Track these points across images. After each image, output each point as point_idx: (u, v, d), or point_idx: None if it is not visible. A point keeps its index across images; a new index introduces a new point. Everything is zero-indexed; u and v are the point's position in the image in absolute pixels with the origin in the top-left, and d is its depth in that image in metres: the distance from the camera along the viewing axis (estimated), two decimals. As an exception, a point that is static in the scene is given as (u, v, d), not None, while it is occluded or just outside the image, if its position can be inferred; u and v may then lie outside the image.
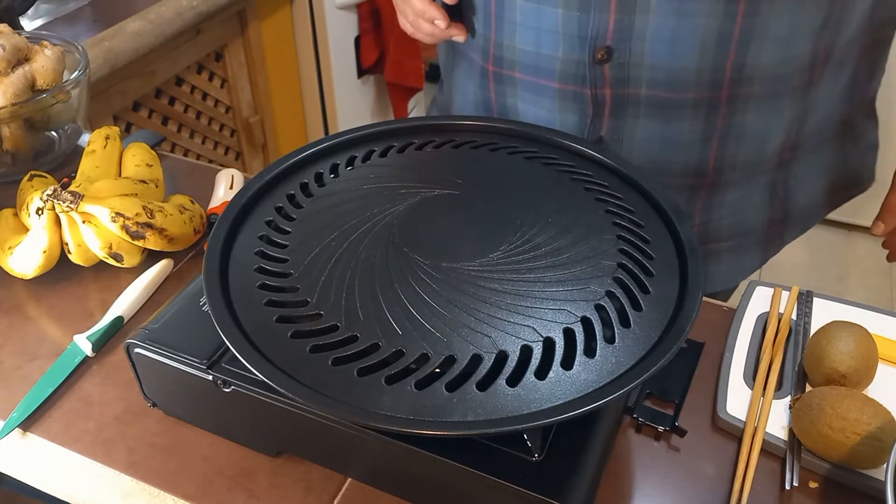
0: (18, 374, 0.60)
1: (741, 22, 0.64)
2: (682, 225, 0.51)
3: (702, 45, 0.65)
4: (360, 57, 1.87)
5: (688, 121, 0.70)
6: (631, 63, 0.67)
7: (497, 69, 0.76)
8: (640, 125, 0.71)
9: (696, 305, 0.45)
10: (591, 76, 0.69)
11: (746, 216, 0.79)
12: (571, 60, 0.69)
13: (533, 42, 0.71)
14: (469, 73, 0.81)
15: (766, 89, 0.69)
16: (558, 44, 0.69)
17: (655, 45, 0.66)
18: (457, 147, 0.61)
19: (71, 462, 0.54)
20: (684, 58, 0.66)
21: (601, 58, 0.68)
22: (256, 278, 0.49)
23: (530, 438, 0.44)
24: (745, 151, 0.74)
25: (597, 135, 0.73)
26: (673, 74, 0.67)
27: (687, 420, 0.54)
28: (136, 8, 1.23)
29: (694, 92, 0.68)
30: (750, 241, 0.81)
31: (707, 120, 0.70)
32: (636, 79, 0.68)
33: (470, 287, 0.47)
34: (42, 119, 0.80)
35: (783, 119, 0.72)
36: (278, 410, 0.48)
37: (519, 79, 0.74)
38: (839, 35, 0.69)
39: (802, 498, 0.50)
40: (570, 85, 0.71)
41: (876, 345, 0.54)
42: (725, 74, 0.67)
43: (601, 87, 0.70)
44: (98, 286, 0.68)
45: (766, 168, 0.76)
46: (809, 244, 2.09)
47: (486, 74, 0.78)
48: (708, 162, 0.73)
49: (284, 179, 0.57)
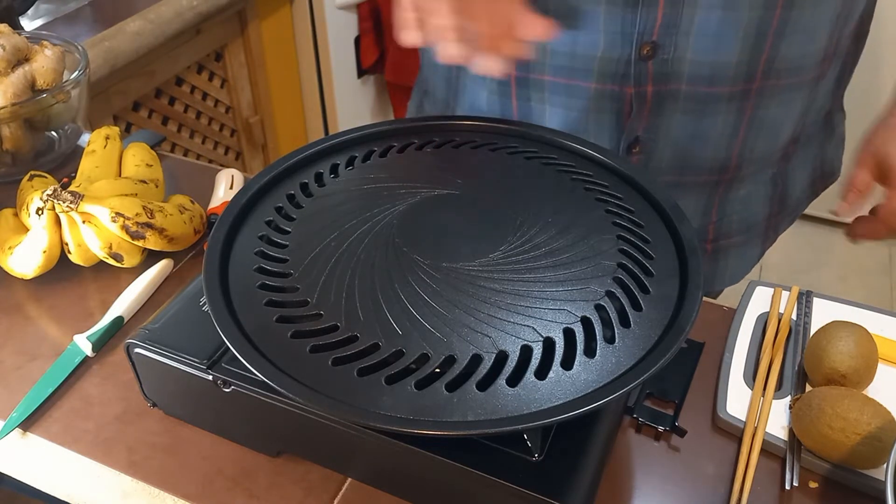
0: (18, 374, 0.60)
1: (779, 13, 0.64)
2: (682, 225, 0.51)
3: (744, 38, 0.65)
4: (360, 57, 1.87)
5: (721, 115, 0.70)
6: (674, 58, 0.67)
7: (522, 74, 0.72)
8: (675, 121, 0.71)
9: (696, 305, 0.45)
10: (635, 73, 0.68)
11: (752, 211, 0.80)
12: (612, 59, 0.68)
13: (568, 42, 0.68)
14: (481, 81, 0.77)
15: (788, 82, 0.70)
16: (598, 42, 0.67)
17: (700, 39, 0.65)
18: (457, 147, 0.61)
19: (71, 462, 0.54)
20: (726, 51, 0.66)
21: (647, 53, 0.66)
22: (256, 278, 0.49)
23: (530, 438, 0.44)
24: (762, 145, 0.74)
25: (634, 134, 0.71)
26: (714, 69, 0.67)
27: (687, 420, 0.54)
28: (136, 8, 1.23)
29: (730, 86, 0.68)
30: (753, 234, 0.82)
31: (738, 114, 0.70)
32: (678, 74, 0.67)
33: (470, 287, 0.47)
34: (42, 119, 0.80)
35: (795, 112, 0.73)
36: (278, 410, 0.48)
37: (548, 81, 0.72)
38: (846, 27, 0.70)
39: (802, 498, 0.50)
40: (609, 84, 0.70)
41: (876, 345, 0.54)
42: (759, 67, 0.67)
43: (644, 83, 0.68)
44: (98, 286, 0.68)
45: (773, 161, 0.77)
46: (809, 244, 2.09)
47: (506, 80, 0.74)
48: (731, 157, 0.73)
49: (284, 179, 0.57)
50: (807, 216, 0.88)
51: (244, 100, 1.59)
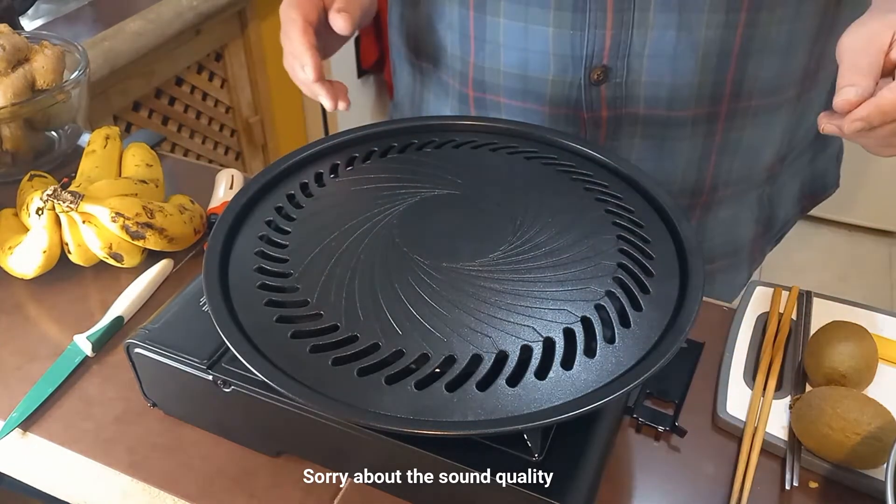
0: (18, 374, 0.60)
1: (742, 33, 0.62)
2: (682, 225, 0.51)
3: (703, 59, 0.62)
4: (360, 57, 1.87)
5: (686, 139, 0.68)
6: (628, 82, 0.64)
7: (479, 94, 0.71)
8: (636, 145, 0.68)
9: (696, 305, 0.45)
10: (586, 98, 0.66)
11: (737, 234, 0.78)
12: (563, 82, 0.66)
13: (519, 64, 0.66)
14: (442, 97, 0.76)
15: (764, 102, 0.67)
16: (548, 65, 0.65)
17: (655, 62, 0.63)
18: (457, 147, 0.61)
19: (71, 462, 0.54)
20: (685, 73, 0.63)
21: (598, 78, 0.64)
22: (256, 278, 0.49)
23: (530, 438, 0.44)
24: (740, 167, 0.72)
25: None
26: (673, 91, 0.64)
27: (687, 420, 0.54)
28: (136, 8, 1.23)
29: (693, 108, 0.65)
30: (740, 258, 0.80)
31: (706, 137, 0.68)
32: (634, 97, 0.65)
33: (470, 287, 0.47)
34: (42, 119, 0.80)
35: (777, 132, 0.71)
36: (278, 410, 0.48)
37: (504, 103, 0.70)
38: (829, 43, 0.67)
39: (802, 498, 0.50)
40: (562, 108, 0.68)
41: (876, 345, 0.54)
42: (726, 88, 0.65)
43: (597, 108, 0.66)
44: (98, 286, 0.68)
45: (757, 182, 0.75)
46: (809, 244, 2.09)
47: (465, 99, 0.73)
48: (705, 180, 0.71)
49: (284, 179, 0.57)
50: (807, 216, 0.87)
51: (244, 100, 1.59)
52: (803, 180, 0.81)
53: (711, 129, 0.67)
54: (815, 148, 0.80)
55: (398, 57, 0.82)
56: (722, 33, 0.61)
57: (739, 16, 0.61)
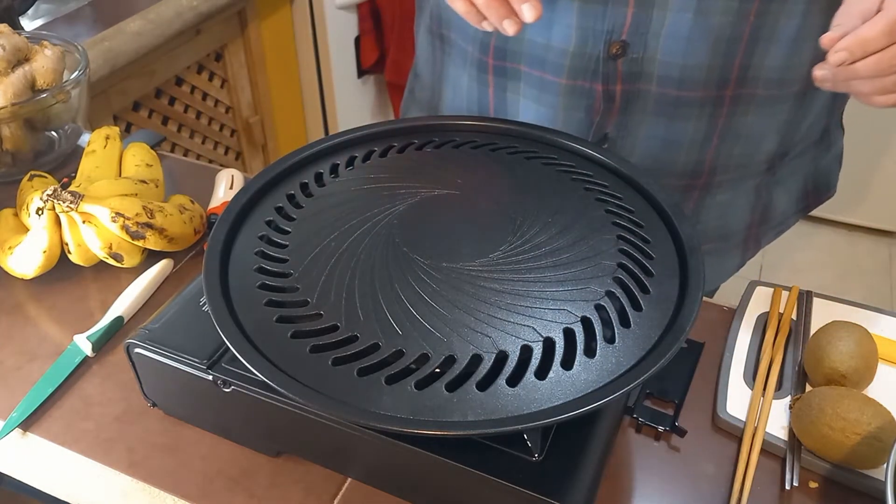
0: (18, 374, 0.60)
1: (752, 21, 0.64)
2: (682, 225, 0.51)
3: (715, 43, 0.65)
4: (360, 57, 1.87)
5: (692, 119, 0.70)
6: (645, 59, 0.67)
7: (499, 62, 0.74)
8: (645, 122, 0.71)
9: (696, 305, 0.45)
10: (604, 71, 0.68)
11: (730, 219, 0.80)
12: (583, 55, 0.68)
13: (544, 33, 0.69)
14: (462, 65, 0.79)
15: (769, 93, 0.69)
16: (570, 37, 0.68)
17: (670, 42, 0.65)
18: (457, 147, 0.61)
19: (71, 462, 0.54)
20: (697, 55, 0.66)
21: (616, 52, 0.67)
22: (256, 278, 0.49)
23: (530, 438, 0.44)
24: (740, 153, 0.74)
25: (602, 132, 0.72)
26: (684, 72, 0.67)
27: (687, 420, 0.54)
28: (136, 8, 1.23)
29: (702, 90, 0.68)
30: (731, 243, 0.82)
31: (710, 119, 0.70)
32: (648, 75, 0.68)
33: (470, 287, 0.47)
34: (42, 119, 0.80)
35: (779, 123, 0.73)
36: (278, 410, 0.48)
37: (524, 72, 0.73)
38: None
39: (802, 498, 0.50)
40: (580, 80, 0.70)
41: (876, 345, 0.54)
42: (732, 74, 0.67)
43: (613, 82, 0.69)
44: (98, 286, 0.68)
45: (755, 171, 0.77)
46: (809, 244, 2.09)
47: (484, 68, 0.76)
48: (704, 162, 0.73)
49: (284, 179, 0.57)
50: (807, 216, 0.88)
51: (244, 100, 1.59)
52: (806, 178, 0.83)
53: (716, 112, 0.70)
54: (819, 148, 0.82)
55: (421, 26, 0.85)
56: (734, 20, 0.64)
57: (752, 4, 0.63)
